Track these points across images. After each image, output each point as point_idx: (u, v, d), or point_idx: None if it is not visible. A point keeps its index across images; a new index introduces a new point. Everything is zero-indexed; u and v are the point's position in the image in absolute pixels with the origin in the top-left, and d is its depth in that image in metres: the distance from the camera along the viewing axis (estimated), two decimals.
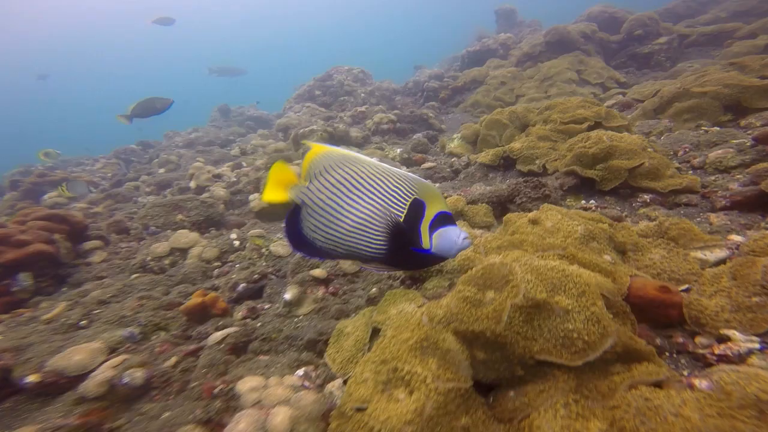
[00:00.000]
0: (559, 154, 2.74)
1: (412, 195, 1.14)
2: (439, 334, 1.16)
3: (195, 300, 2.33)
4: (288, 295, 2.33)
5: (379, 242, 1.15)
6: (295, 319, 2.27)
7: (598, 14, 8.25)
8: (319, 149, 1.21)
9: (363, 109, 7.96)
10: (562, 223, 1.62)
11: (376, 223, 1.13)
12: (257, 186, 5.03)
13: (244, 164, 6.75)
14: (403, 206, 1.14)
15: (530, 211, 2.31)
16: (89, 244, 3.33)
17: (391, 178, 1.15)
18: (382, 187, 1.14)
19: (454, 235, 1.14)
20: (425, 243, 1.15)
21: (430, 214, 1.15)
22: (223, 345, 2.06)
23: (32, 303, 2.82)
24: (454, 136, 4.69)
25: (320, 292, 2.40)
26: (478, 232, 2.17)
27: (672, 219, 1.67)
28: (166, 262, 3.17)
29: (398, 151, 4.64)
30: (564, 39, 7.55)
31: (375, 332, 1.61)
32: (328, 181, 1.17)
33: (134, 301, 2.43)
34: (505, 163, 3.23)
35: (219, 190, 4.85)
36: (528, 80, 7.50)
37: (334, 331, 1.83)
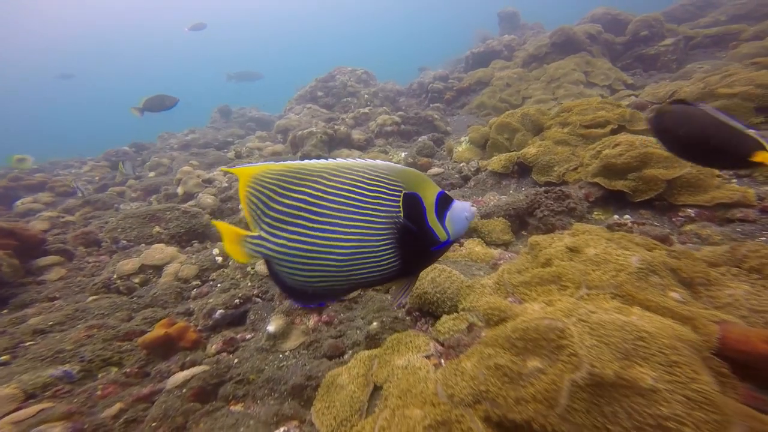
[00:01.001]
0: (579, 161, 2.40)
1: (400, 190, 0.96)
2: (463, 420, 0.81)
3: (157, 332, 1.96)
4: (272, 327, 1.97)
5: (387, 257, 0.95)
6: (280, 356, 1.91)
7: (601, 16, 7.99)
8: (248, 173, 0.96)
9: (366, 110, 7.66)
10: (609, 251, 1.27)
11: (376, 237, 0.94)
12: None
13: None
14: (397, 207, 0.95)
15: (553, 226, 1.97)
16: (44, 260, 2.97)
17: (365, 178, 0.95)
18: (362, 195, 0.94)
19: (462, 212, 1.02)
20: (442, 235, 1.00)
21: (429, 202, 0.99)
22: (185, 389, 1.70)
23: None
24: (462, 139, 4.36)
25: (311, 321, 2.05)
26: (496, 252, 1.82)
27: (749, 244, 1.33)
28: (136, 281, 2.81)
29: (403, 154, 4.30)
30: (570, 40, 7.28)
31: (375, 389, 1.26)
32: (282, 215, 0.94)
33: (81, 330, 2.06)
34: (519, 170, 2.90)
35: (206, 198, 4.49)
36: (534, 81, 7.22)
37: (326, 380, 1.47)
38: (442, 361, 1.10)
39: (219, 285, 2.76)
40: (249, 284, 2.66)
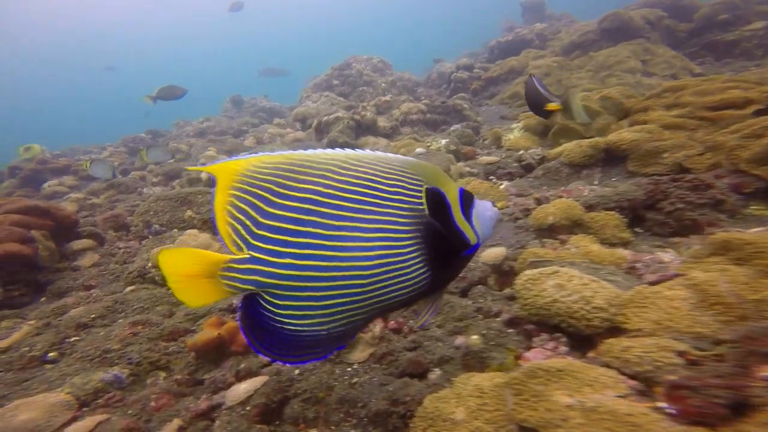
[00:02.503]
0: (705, 146, 2.02)
1: (420, 183, 0.81)
2: None
3: (208, 333, 1.67)
4: None
5: (417, 266, 0.78)
6: (348, 369, 1.61)
7: (656, 2, 7.38)
8: (231, 170, 0.74)
9: (388, 98, 7.34)
10: None
11: (402, 240, 0.76)
12: None
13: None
14: (420, 203, 0.80)
15: (695, 222, 1.61)
16: (78, 244, 2.71)
17: (380, 171, 0.78)
18: (380, 190, 0.77)
19: (486, 211, 0.90)
20: (471, 237, 0.86)
21: (453, 198, 0.85)
22: (249, 407, 1.40)
23: None
24: (513, 126, 3.99)
25: (377, 327, 1.73)
26: (625, 253, 1.47)
27: None
28: None
29: (443, 141, 3.95)
30: (625, 26, 6.75)
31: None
32: (286, 221, 0.72)
33: (126, 327, 1.79)
34: (606, 158, 2.52)
35: None
36: (578, 70, 6.75)
37: (424, 409, 1.16)
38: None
39: None
40: None
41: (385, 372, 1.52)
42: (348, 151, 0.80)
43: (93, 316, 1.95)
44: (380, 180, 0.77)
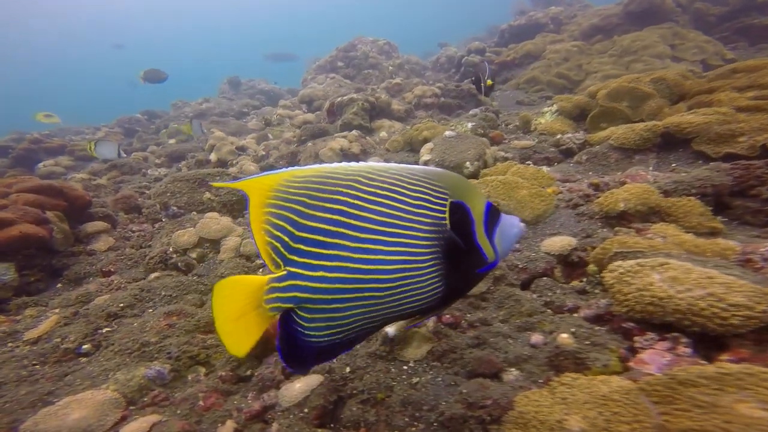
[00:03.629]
0: None
1: (445, 196, 0.80)
2: None
3: None
4: (391, 329, 1.52)
5: (432, 280, 0.78)
6: (405, 368, 1.46)
7: None
8: (265, 185, 0.74)
9: (399, 80, 7.07)
10: None
11: (420, 254, 0.76)
12: (293, 161, 4.19)
13: (270, 136, 5.93)
14: (442, 217, 0.79)
15: None
16: (92, 226, 2.52)
17: (405, 182, 0.78)
18: (404, 202, 0.76)
19: (511, 228, 0.87)
20: (490, 254, 0.84)
21: (478, 213, 0.83)
22: (307, 409, 1.26)
23: (14, 305, 2.04)
24: (545, 110, 3.79)
25: (430, 321, 1.58)
26: (733, 243, 1.31)
27: None
28: (193, 255, 2.36)
29: (470, 125, 3.74)
30: (653, 8, 6.47)
31: None
32: (318, 233, 0.73)
33: (161, 318, 1.62)
34: (662, 143, 2.35)
35: (249, 165, 4.01)
36: (599, 55, 6.50)
37: (522, 412, 1.01)
38: None
39: None
40: None
41: (449, 372, 1.37)
42: (373, 162, 0.80)
43: (122, 305, 1.78)
44: (404, 192, 0.77)
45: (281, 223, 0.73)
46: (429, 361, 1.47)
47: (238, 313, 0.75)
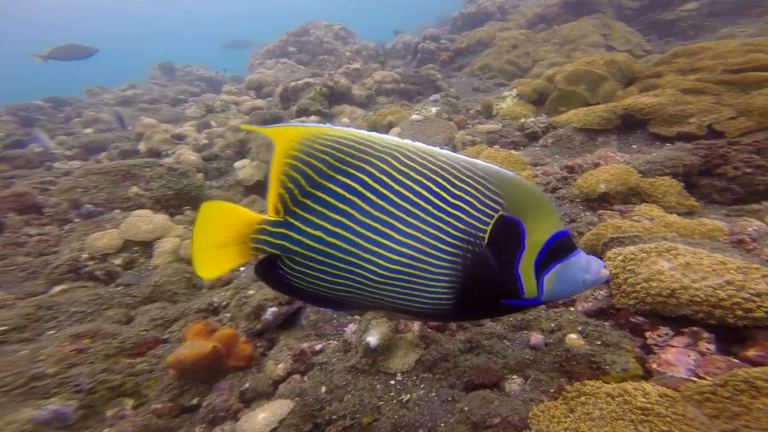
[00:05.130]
0: (736, 110, 1.93)
1: (497, 207, 0.68)
2: None
3: (200, 348, 1.20)
4: (374, 338, 1.30)
5: (440, 290, 0.69)
6: (392, 382, 1.27)
7: None
8: (291, 135, 0.70)
9: (358, 66, 6.79)
10: None
11: (436, 256, 0.67)
12: (241, 149, 3.72)
13: (213, 123, 5.28)
14: (483, 228, 0.68)
15: (764, 187, 1.50)
16: None
17: (452, 174, 0.68)
18: (439, 195, 0.68)
19: (582, 273, 0.70)
20: (530, 290, 0.70)
21: (535, 242, 0.69)
22: None
23: None
24: (505, 94, 3.77)
25: (415, 325, 1.40)
26: (721, 224, 1.29)
27: None
28: (117, 262, 1.90)
29: (434, 109, 3.60)
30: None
31: None
32: (331, 196, 0.69)
33: (65, 342, 1.24)
34: (622, 124, 2.39)
35: (188, 155, 3.46)
36: (544, 44, 6.77)
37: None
38: None
39: (243, 269, 1.98)
40: None
41: (443, 384, 1.20)
42: (421, 144, 0.71)
43: (4, 328, 1.32)
44: (445, 185, 0.68)
45: (296, 175, 0.70)
46: (419, 372, 1.29)
47: (221, 241, 0.71)
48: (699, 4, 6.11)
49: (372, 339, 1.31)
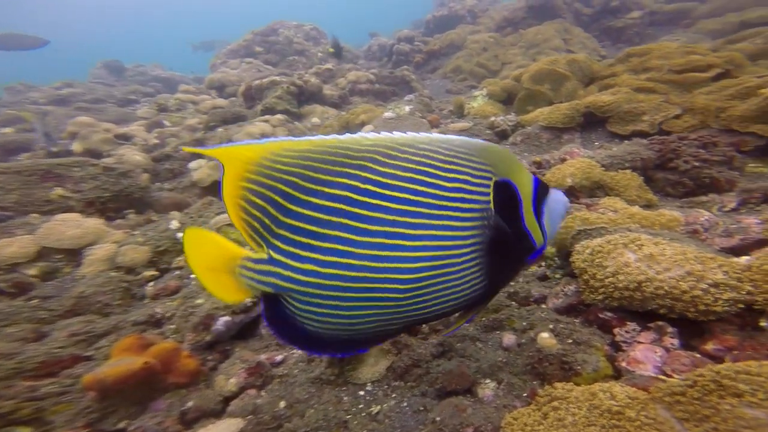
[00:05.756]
0: (684, 108, 2.02)
1: (489, 174, 0.68)
2: None
3: (127, 364, 1.04)
4: None
5: (472, 275, 0.67)
6: (362, 393, 1.17)
7: None
8: (245, 157, 0.61)
9: (330, 66, 6.66)
10: None
11: (457, 247, 0.65)
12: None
13: (167, 123, 4.92)
14: (486, 200, 0.68)
15: (714, 180, 1.55)
16: None
17: (439, 160, 0.65)
18: (436, 186, 0.64)
19: (559, 205, 0.77)
20: (539, 238, 0.74)
21: (526, 193, 0.73)
22: None
23: None
24: (476, 94, 3.80)
25: None
26: (677, 214, 1.30)
27: None
28: (31, 272, 1.66)
29: (407, 108, 3.56)
30: (547, 4, 7.16)
31: None
32: (310, 223, 0.62)
33: None
34: (584, 122, 2.45)
35: (134, 155, 3.16)
36: (511, 47, 6.98)
37: None
38: None
39: (193, 275, 1.80)
40: None
41: (416, 392, 1.11)
42: (398, 134, 0.65)
43: None
44: (436, 172, 0.65)
45: (262, 203, 0.62)
46: (390, 380, 1.19)
47: (210, 265, 0.67)
48: (641, 13, 6.58)
49: None
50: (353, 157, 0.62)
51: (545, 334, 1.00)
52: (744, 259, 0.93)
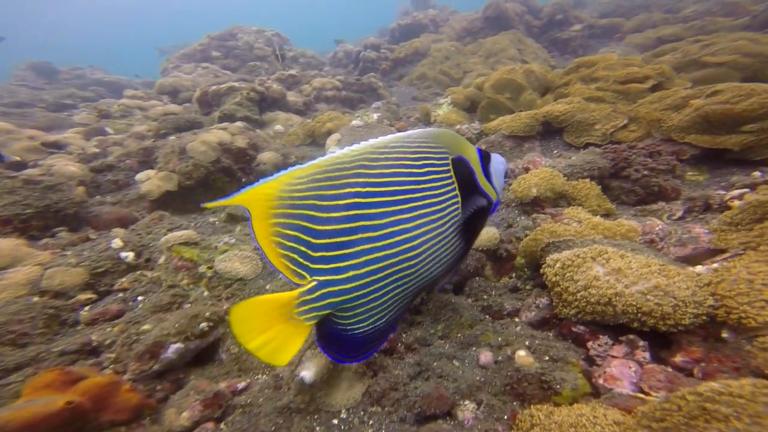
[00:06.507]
0: (629, 117, 2.16)
1: (446, 155, 0.85)
2: None
3: (40, 408, 0.87)
4: (309, 372, 1.11)
5: (455, 237, 0.85)
6: (335, 422, 1.08)
7: None
8: (267, 195, 0.69)
9: (294, 72, 6.48)
10: None
11: (440, 218, 0.81)
12: (147, 158, 3.16)
13: (109, 130, 4.47)
14: (449, 177, 0.84)
15: (661, 188, 1.65)
16: None
17: (408, 152, 0.80)
18: (412, 173, 0.79)
19: (499, 164, 0.99)
20: (493, 195, 0.96)
21: (474, 161, 0.91)
22: None
23: None
24: (441, 101, 3.85)
25: None
26: (634, 224, 1.36)
27: None
28: None
29: (375, 116, 3.52)
30: (502, 15, 7.52)
31: None
32: (338, 235, 0.71)
33: None
34: (543, 131, 2.55)
35: (68, 165, 2.81)
36: (471, 56, 7.24)
37: None
38: None
39: (141, 299, 1.62)
40: (207, 294, 1.62)
41: (394, 419, 1.04)
42: (372, 140, 0.78)
43: None
44: (410, 163, 0.78)
45: (294, 233, 0.69)
46: (366, 406, 1.11)
47: (267, 325, 0.69)
48: (582, 26, 7.14)
49: (307, 374, 1.11)
50: (348, 168, 0.72)
51: (522, 352, 0.98)
52: (699, 269, 0.99)
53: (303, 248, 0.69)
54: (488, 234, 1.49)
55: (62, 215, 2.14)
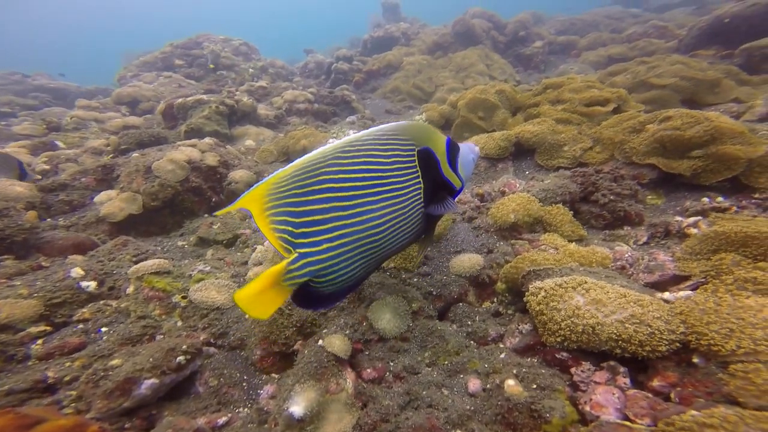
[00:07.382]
0: (594, 139, 2.32)
1: (412, 146, 1.01)
2: None
3: None
4: (298, 407, 1.08)
5: (415, 217, 1.03)
6: None
7: (480, 14, 8.78)
8: (259, 195, 0.92)
9: (264, 83, 6.37)
10: None
11: (403, 200, 0.98)
12: (105, 178, 2.94)
13: (60, 144, 4.12)
14: (414, 166, 1.00)
15: (626, 213, 1.77)
16: None
17: (378, 144, 0.97)
18: (380, 163, 0.96)
19: (469, 154, 1.14)
20: (457, 183, 1.10)
21: (441, 152, 1.06)
22: None
23: None
24: (417, 118, 3.92)
25: (348, 381, 1.22)
26: (605, 251, 1.45)
27: None
28: None
29: (351, 133, 3.51)
30: (469, 31, 7.85)
31: None
32: (315, 214, 0.92)
33: None
34: (516, 152, 2.67)
35: (12, 186, 2.54)
36: (442, 69, 7.48)
37: None
38: None
39: (105, 330, 1.50)
40: (181, 324, 1.53)
41: None
42: (346, 137, 0.98)
43: None
44: (379, 153, 0.95)
45: (281, 217, 0.90)
46: None
47: (263, 290, 0.89)
48: (542, 43, 7.64)
49: (296, 409, 1.07)
50: (323, 162, 0.90)
51: (511, 382, 1.01)
52: (667, 295, 1.08)
53: (289, 228, 0.89)
54: (471, 261, 1.53)
55: (8, 243, 1.93)
